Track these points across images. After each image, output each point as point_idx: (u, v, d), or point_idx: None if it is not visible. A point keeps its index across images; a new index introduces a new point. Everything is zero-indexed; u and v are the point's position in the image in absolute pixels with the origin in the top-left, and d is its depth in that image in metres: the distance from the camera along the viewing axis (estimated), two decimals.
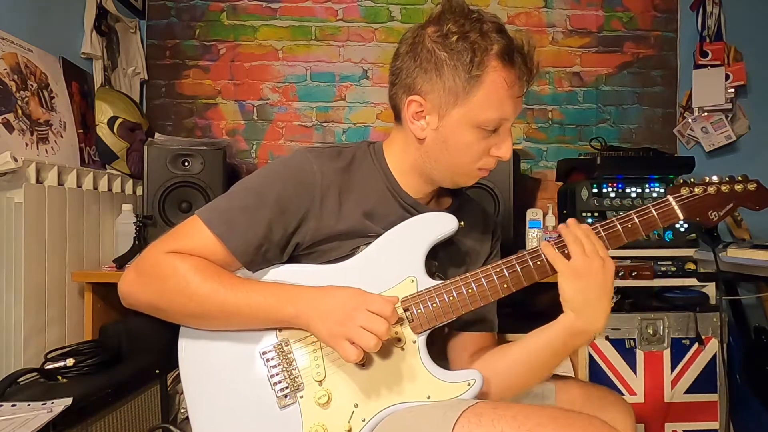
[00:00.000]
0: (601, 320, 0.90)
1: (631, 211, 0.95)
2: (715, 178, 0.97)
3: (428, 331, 0.94)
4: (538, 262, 0.94)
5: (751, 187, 0.97)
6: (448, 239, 0.99)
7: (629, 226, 0.94)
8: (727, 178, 0.97)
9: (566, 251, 0.91)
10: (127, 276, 0.94)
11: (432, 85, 0.92)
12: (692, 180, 0.98)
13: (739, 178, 0.98)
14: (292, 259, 1.00)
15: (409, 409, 0.90)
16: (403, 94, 0.96)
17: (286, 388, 0.91)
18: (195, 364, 0.95)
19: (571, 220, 0.94)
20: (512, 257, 0.96)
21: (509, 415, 0.82)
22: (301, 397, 0.91)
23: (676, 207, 0.95)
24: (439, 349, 1.10)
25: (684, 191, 0.96)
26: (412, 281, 0.95)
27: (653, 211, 0.95)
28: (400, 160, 1.02)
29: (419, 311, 0.94)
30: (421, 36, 0.94)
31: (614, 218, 0.95)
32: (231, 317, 0.91)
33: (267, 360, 0.93)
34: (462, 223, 1.00)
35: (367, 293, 0.89)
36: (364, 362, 0.92)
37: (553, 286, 0.91)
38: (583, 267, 0.89)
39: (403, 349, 0.93)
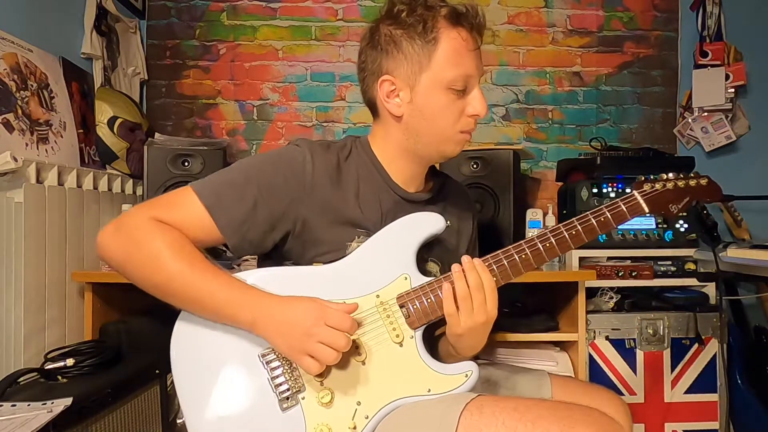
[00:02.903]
0: (476, 351, 1.01)
1: (603, 206, 1.03)
2: (671, 175, 1.06)
3: (424, 326, 0.97)
4: (523, 256, 0.97)
5: (703, 182, 1.06)
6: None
7: (602, 219, 1.00)
8: (682, 175, 1.06)
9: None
10: (107, 229, 0.94)
11: (396, 62, 1.00)
12: (653, 177, 1.06)
13: (692, 174, 1.07)
14: (285, 255, 1.02)
15: (413, 405, 0.91)
16: (374, 82, 1.03)
17: (288, 389, 0.91)
18: (189, 369, 0.93)
19: (467, 265, 0.94)
20: (499, 252, 0.99)
21: (510, 407, 0.85)
22: (303, 398, 0.91)
23: (641, 201, 1.03)
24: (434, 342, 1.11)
25: (647, 187, 1.04)
26: (406, 278, 0.98)
27: (622, 205, 1.02)
28: (385, 149, 1.07)
29: (415, 307, 0.96)
30: (376, 27, 1.03)
31: (588, 212, 1.01)
32: (191, 302, 0.92)
33: (267, 362, 0.93)
34: (449, 223, 1.05)
35: (325, 306, 0.89)
36: (364, 360, 0.93)
37: (551, 284, 0.92)
38: (469, 327, 0.93)
39: (401, 345, 0.95)
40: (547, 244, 0.98)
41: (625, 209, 1.02)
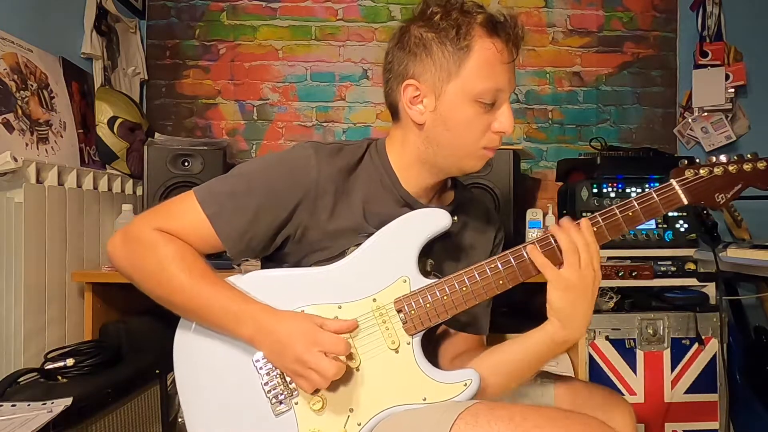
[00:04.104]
0: (583, 329, 0.91)
1: (632, 198, 0.92)
2: (723, 158, 0.92)
3: (422, 332, 0.93)
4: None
5: (761, 165, 0.92)
6: (443, 235, 0.97)
7: (630, 214, 0.91)
8: (735, 158, 0.93)
9: (554, 250, 0.90)
10: (115, 238, 0.96)
11: (424, 67, 0.93)
12: (698, 161, 0.93)
13: (749, 156, 0.93)
14: (281, 258, 1.01)
15: (405, 413, 0.90)
16: (398, 84, 0.97)
17: (281, 394, 0.91)
18: (189, 372, 0.95)
19: (567, 223, 0.91)
20: (507, 252, 0.94)
21: (506, 416, 0.82)
22: (296, 403, 0.91)
23: (679, 191, 0.92)
24: (433, 348, 1.09)
25: (688, 174, 0.92)
26: (405, 281, 0.94)
27: (655, 196, 0.92)
28: (401, 156, 1.01)
29: (412, 312, 0.92)
30: (407, 27, 0.97)
31: (614, 206, 0.93)
32: (193, 315, 0.93)
33: (260, 368, 0.92)
34: (455, 219, 0.98)
35: (318, 331, 0.88)
36: (359, 366, 0.91)
37: None
38: (577, 280, 0.88)
39: (397, 351, 0.92)
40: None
41: (658, 201, 0.91)
